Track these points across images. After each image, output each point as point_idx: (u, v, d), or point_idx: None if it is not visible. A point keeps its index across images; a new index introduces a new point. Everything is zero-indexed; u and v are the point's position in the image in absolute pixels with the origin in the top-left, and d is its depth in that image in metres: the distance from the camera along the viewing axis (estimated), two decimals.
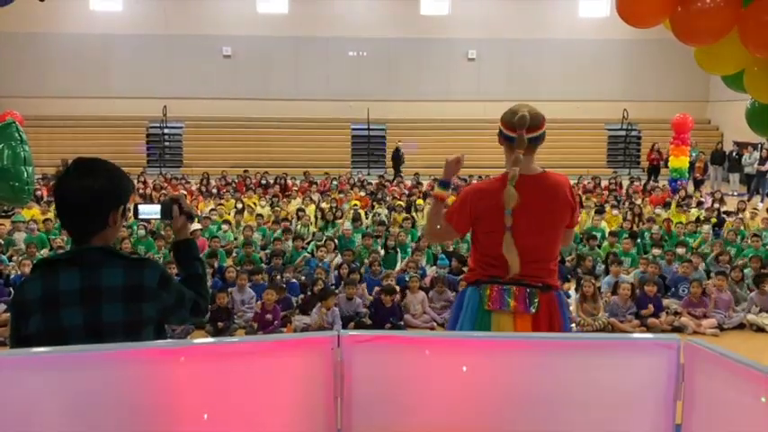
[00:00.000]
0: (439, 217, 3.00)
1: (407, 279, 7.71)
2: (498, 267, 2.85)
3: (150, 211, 2.26)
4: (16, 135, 3.95)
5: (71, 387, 1.52)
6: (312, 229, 10.95)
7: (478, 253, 2.96)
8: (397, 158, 19.29)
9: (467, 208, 2.91)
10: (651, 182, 17.24)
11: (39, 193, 12.72)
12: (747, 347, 6.61)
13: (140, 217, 2.26)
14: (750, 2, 4.58)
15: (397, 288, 7.46)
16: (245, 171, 17.12)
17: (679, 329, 6.97)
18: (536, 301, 2.81)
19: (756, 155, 17.16)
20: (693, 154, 17.00)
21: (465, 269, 7.91)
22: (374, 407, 1.71)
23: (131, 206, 2.16)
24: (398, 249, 9.27)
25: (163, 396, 1.57)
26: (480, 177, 16.76)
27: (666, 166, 16.85)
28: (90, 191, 1.95)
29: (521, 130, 2.79)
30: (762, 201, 16.23)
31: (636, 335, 2.78)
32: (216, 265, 8.40)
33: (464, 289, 3.03)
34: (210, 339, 1.66)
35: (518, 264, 2.79)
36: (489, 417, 1.73)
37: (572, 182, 3.08)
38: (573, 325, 6.53)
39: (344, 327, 6.84)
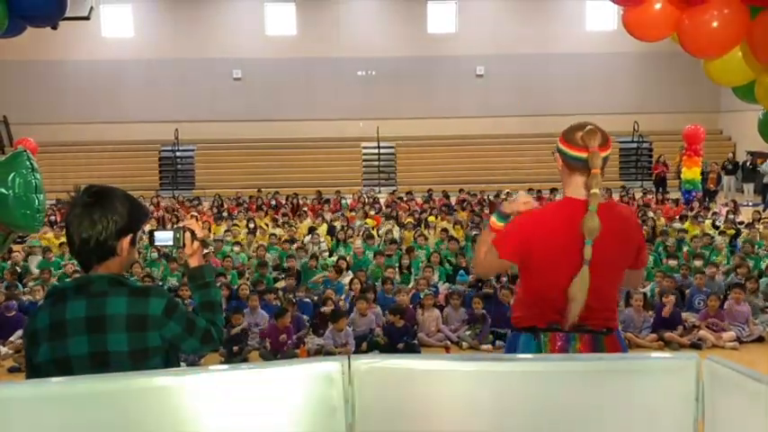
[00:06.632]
0: (487, 245, 2.60)
1: (421, 297, 7.64)
2: (553, 312, 2.46)
3: (164, 237, 2.26)
4: (27, 163, 3.99)
5: (79, 418, 1.51)
6: (324, 246, 10.95)
7: (528, 295, 2.57)
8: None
9: (518, 232, 2.51)
10: (660, 193, 17.11)
11: (53, 218, 12.83)
12: None
13: (156, 244, 2.26)
14: (758, 13, 4.56)
15: (410, 304, 7.41)
16: (258, 190, 17.19)
17: (698, 344, 6.87)
18: (603, 350, 2.47)
19: None
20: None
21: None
22: None
23: (146, 233, 2.17)
24: (412, 269, 9.22)
25: (171, 425, 1.55)
26: (488, 197, 16.69)
27: (679, 177, 16.71)
28: (94, 220, 1.95)
29: (594, 147, 2.36)
30: None
31: (653, 354, 2.74)
32: (228, 285, 8.39)
33: (515, 335, 2.61)
34: (220, 367, 1.64)
35: (580, 309, 2.39)
36: None
37: None
38: None
39: (358, 346, 6.79)
